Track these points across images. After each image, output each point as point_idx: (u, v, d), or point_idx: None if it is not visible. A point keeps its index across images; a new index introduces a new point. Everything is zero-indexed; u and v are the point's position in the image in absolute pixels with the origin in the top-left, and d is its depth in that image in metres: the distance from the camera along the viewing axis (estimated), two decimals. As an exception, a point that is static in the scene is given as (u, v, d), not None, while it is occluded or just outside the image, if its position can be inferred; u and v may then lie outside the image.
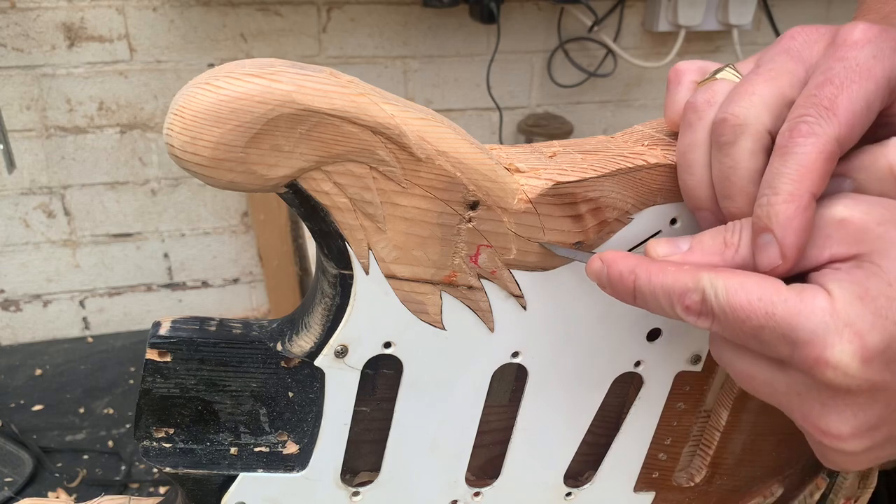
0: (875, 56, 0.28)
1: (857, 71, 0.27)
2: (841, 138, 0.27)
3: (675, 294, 0.28)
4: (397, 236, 0.31)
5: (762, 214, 0.28)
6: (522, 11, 1.48)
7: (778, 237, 0.27)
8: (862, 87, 0.27)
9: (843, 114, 0.27)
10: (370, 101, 0.28)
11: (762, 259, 0.28)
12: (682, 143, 0.32)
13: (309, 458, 0.35)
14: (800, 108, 0.28)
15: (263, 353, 0.33)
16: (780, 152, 0.28)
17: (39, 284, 1.50)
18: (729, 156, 0.30)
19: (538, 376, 0.37)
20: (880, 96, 0.28)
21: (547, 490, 0.41)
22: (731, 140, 0.29)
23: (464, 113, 1.55)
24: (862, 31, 0.28)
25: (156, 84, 1.38)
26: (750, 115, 0.29)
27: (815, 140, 0.27)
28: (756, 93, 0.29)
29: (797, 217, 0.27)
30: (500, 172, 0.31)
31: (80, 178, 1.42)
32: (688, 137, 0.32)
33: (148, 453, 0.34)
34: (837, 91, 0.27)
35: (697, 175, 0.32)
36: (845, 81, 0.27)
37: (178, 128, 0.26)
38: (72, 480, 1.19)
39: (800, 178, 0.27)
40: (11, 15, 1.27)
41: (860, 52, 0.28)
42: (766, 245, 0.28)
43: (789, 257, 0.27)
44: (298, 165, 0.28)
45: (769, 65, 0.30)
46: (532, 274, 0.34)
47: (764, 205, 0.28)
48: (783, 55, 0.30)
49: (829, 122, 0.27)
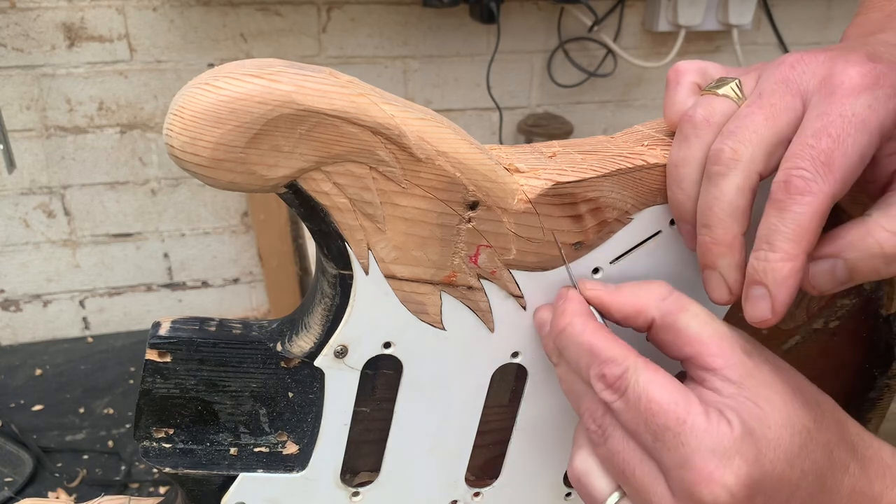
0: (870, 106, 0.28)
1: (853, 123, 0.28)
2: (835, 195, 0.28)
3: (599, 358, 0.30)
4: (397, 236, 0.31)
5: (759, 268, 0.29)
6: (522, 11, 1.48)
7: (772, 293, 0.29)
8: (857, 141, 0.28)
9: (838, 170, 0.28)
10: (370, 102, 0.28)
11: (753, 311, 0.30)
12: (676, 155, 0.32)
13: (309, 458, 0.35)
14: (796, 157, 0.28)
15: (263, 353, 0.33)
16: (777, 206, 0.28)
17: (39, 284, 1.50)
18: (717, 187, 0.30)
19: (538, 376, 0.37)
20: (873, 146, 0.29)
21: (547, 490, 0.41)
22: (723, 173, 0.30)
23: (464, 113, 1.55)
24: (860, 74, 0.29)
25: (156, 84, 1.38)
26: (746, 153, 0.30)
27: (812, 199, 0.28)
28: (756, 131, 0.30)
29: (792, 277, 0.28)
30: (499, 172, 0.31)
31: (80, 178, 1.42)
32: (682, 152, 0.32)
33: (148, 453, 0.34)
34: (834, 144, 0.28)
35: (686, 190, 0.32)
36: (842, 134, 0.28)
37: (177, 128, 0.26)
38: (72, 480, 1.19)
39: (797, 238, 0.28)
40: (11, 15, 1.27)
41: (856, 101, 0.28)
42: (758, 298, 0.29)
43: (778, 313, 0.29)
44: (298, 166, 0.28)
45: (770, 98, 0.30)
46: (532, 274, 0.34)
47: (761, 259, 0.29)
48: (783, 87, 0.30)
49: (825, 180, 0.28)
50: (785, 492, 0.28)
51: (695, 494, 0.27)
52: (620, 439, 0.30)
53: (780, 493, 0.28)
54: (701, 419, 0.27)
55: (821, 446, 0.29)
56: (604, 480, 0.31)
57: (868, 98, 0.28)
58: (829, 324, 0.41)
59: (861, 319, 0.42)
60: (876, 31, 0.35)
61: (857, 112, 0.28)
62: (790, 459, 0.28)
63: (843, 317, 0.41)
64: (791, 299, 0.29)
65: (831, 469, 0.29)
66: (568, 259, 0.34)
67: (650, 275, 0.36)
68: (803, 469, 0.28)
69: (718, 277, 0.31)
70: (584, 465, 0.32)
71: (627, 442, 0.29)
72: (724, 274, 0.31)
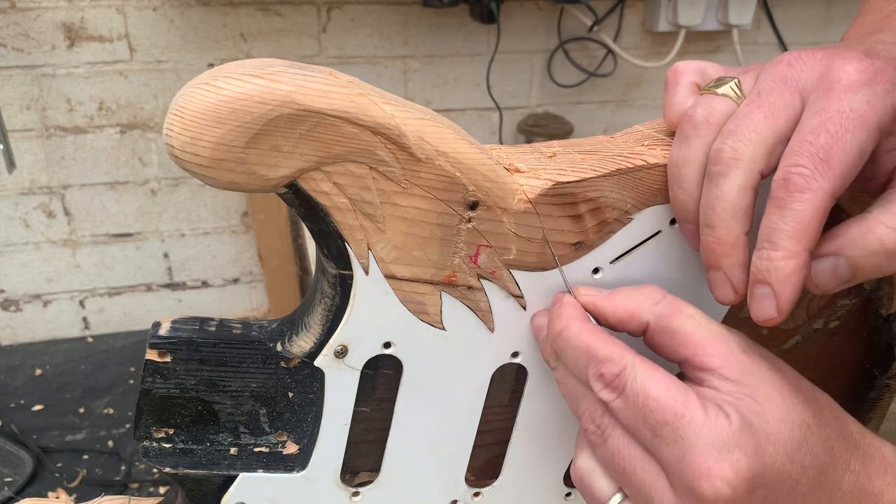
0: (869, 102, 0.28)
1: (851, 119, 0.28)
2: (835, 191, 0.28)
3: (596, 358, 0.30)
4: (397, 236, 0.31)
5: (762, 267, 0.29)
6: (522, 11, 1.48)
7: (776, 292, 0.29)
8: (856, 137, 0.28)
9: (837, 166, 0.28)
10: (370, 102, 0.28)
11: (759, 310, 0.29)
12: (676, 155, 0.32)
13: (309, 458, 0.35)
14: (795, 154, 0.28)
15: (263, 353, 0.33)
16: (777, 204, 0.28)
17: (39, 284, 1.50)
18: (718, 187, 0.30)
19: (538, 376, 0.37)
20: (872, 142, 0.28)
21: (547, 490, 0.41)
22: (724, 172, 0.30)
23: (464, 113, 1.55)
24: (857, 70, 0.29)
25: (156, 84, 1.38)
26: (747, 152, 0.30)
27: (812, 196, 0.28)
28: (756, 130, 0.30)
29: (796, 275, 0.28)
30: (499, 172, 0.31)
31: (80, 178, 1.42)
32: (682, 151, 0.32)
33: (148, 453, 0.34)
34: (832, 141, 0.28)
35: (688, 190, 0.32)
36: (840, 130, 0.28)
37: (177, 128, 0.26)
38: (72, 480, 1.19)
39: (798, 235, 0.28)
40: (11, 15, 1.27)
41: (854, 97, 0.28)
42: (763, 297, 0.29)
43: (783, 311, 0.29)
44: (298, 166, 0.28)
45: (769, 97, 0.30)
46: (532, 274, 0.34)
47: (764, 258, 0.29)
48: (781, 85, 0.30)
49: (825, 176, 0.28)
50: (786, 486, 0.28)
51: (696, 489, 0.27)
52: (620, 438, 0.30)
53: (780, 486, 0.28)
54: (699, 413, 0.27)
55: (821, 441, 0.29)
56: (605, 482, 0.31)
57: (866, 94, 0.28)
58: (829, 324, 0.41)
59: (861, 319, 0.42)
60: (874, 31, 0.35)
61: (856, 108, 0.28)
62: (790, 453, 0.28)
63: (843, 317, 0.41)
64: (796, 297, 0.29)
65: (832, 465, 0.29)
66: (568, 259, 0.34)
67: (650, 274, 0.36)
68: (804, 464, 0.28)
69: (723, 277, 0.31)
70: (586, 466, 0.32)
71: (627, 441, 0.29)
72: (729, 274, 0.31)
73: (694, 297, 0.36)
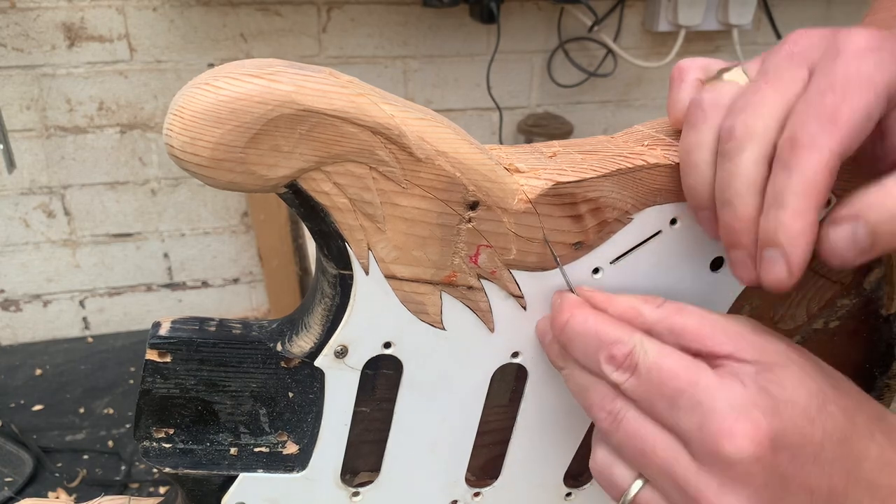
0: (877, 65, 0.27)
1: (858, 80, 0.27)
2: (843, 152, 0.27)
3: (605, 342, 0.30)
4: (397, 236, 0.31)
5: (770, 228, 0.28)
6: (522, 11, 1.48)
7: (787, 253, 0.28)
8: (863, 98, 0.27)
9: (844, 125, 0.27)
10: (369, 102, 0.28)
11: (769, 274, 0.28)
12: (686, 142, 0.32)
13: (309, 458, 0.35)
14: (801, 114, 0.28)
15: (263, 353, 0.33)
16: (783, 164, 0.28)
17: (39, 284, 1.50)
18: (732, 162, 0.29)
19: (538, 376, 0.37)
20: (880, 106, 0.28)
21: (547, 490, 0.41)
22: (739, 147, 0.29)
23: (464, 113, 1.55)
24: (865, 37, 0.28)
25: (156, 84, 1.38)
26: (758, 126, 0.29)
27: (819, 155, 0.27)
28: (766, 103, 0.29)
29: (806, 234, 0.27)
30: (499, 173, 0.31)
31: (80, 178, 1.42)
32: (692, 137, 0.32)
33: (148, 453, 0.34)
34: (839, 100, 0.27)
35: (701, 175, 0.31)
36: (847, 90, 0.27)
37: (177, 128, 0.26)
38: (72, 480, 1.19)
39: (806, 193, 0.27)
40: (11, 15, 1.27)
41: (863, 60, 0.28)
42: (773, 260, 0.28)
43: (795, 274, 0.28)
44: (298, 166, 0.28)
45: (776, 72, 0.30)
46: (532, 274, 0.34)
47: (771, 219, 0.28)
48: (788, 61, 0.30)
49: (831, 135, 0.27)
50: (809, 450, 0.27)
51: (720, 452, 0.26)
52: (634, 419, 0.29)
53: (804, 450, 0.27)
54: (714, 379, 0.27)
55: (841, 410, 0.28)
56: (624, 469, 0.31)
57: (874, 58, 0.28)
58: (829, 324, 0.41)
59: (861, 319, 0.42)
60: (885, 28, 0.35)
61: (863, 70, 0.27)
62: (810, 416, 0.27)
63: (843, 317, 0.41)
64: (807, 259, 0.28)
65: (855, 433, 0.28)
66: (568, 259, 0.34)
67: (651, 274, 0.36)
68: (825, 428, 0.27)
69: (744, 255, 0.30)
70: (604, 459, 0.31)
71: (643, 420, 0.29)
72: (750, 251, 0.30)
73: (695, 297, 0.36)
